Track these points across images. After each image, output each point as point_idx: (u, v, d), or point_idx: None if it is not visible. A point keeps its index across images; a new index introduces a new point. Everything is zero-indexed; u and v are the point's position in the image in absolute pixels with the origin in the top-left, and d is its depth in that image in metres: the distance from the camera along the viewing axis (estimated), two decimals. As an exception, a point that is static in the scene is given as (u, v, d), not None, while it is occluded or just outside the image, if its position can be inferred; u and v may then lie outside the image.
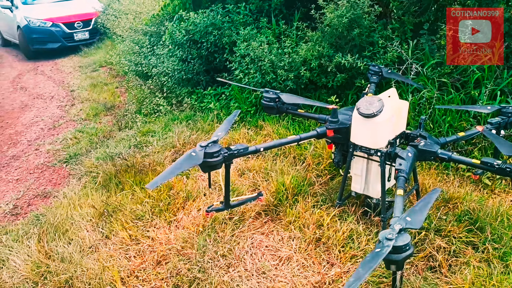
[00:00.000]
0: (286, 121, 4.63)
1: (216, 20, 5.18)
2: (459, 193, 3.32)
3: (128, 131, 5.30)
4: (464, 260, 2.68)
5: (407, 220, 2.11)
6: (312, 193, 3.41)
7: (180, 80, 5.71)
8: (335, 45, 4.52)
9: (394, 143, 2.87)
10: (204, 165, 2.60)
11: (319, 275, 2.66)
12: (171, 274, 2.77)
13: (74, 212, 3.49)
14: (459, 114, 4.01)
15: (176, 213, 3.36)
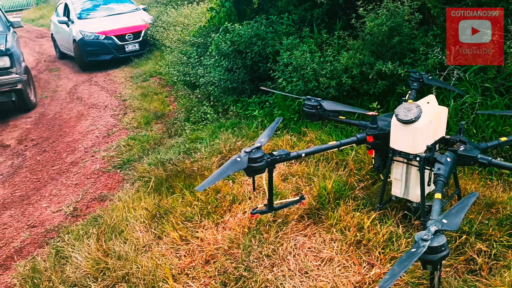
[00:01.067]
0: (328, 128, 4.74)
1: (260, 31, 5.37)
2: (503, 197, 3.33)
3: (177, 138, 5.57)
4: (504, 264, 2.72)
5: (443, 222, 2.19)
6: (353, 197, 3.52)
7: (226, 89, 5.93)
8: (376, 52, 4.60)
9: (432, 148, 2.94)
10: (248, 169, 2.77)
11: (359, 275, 2.77)
12: (218, 272, 2.95)
13: (129, 214, 3.75)
14: (503, 119, 4.00)
15: (223, 215, 3.55)
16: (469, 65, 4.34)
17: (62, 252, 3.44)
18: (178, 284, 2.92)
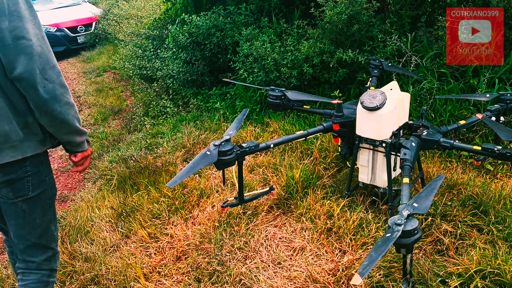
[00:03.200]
0: (291, 118, 4.76)
1: (218, 22, 5.30)
2: (463, 179, 3.45)
3: (137, 134, 5.44)
4: (470, 243, 2.81)
5: (414, 206, 2.24)
6: (321, 186, 3.55)
7: (185, 82, 5.84)
8: (335, 41, 4.65)
9: (398, 134, 2.99)
10: (218, 163, 2.73)
11: (332, 263, 2.79)
12: (191, 268, 2.91)
13: (93, 214, 3.63)
14: (459, 103, 4.14)
15: (191, 210, 3.50)
16: (425, 52, 4.47)
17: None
18: (150, 282, 2.85)
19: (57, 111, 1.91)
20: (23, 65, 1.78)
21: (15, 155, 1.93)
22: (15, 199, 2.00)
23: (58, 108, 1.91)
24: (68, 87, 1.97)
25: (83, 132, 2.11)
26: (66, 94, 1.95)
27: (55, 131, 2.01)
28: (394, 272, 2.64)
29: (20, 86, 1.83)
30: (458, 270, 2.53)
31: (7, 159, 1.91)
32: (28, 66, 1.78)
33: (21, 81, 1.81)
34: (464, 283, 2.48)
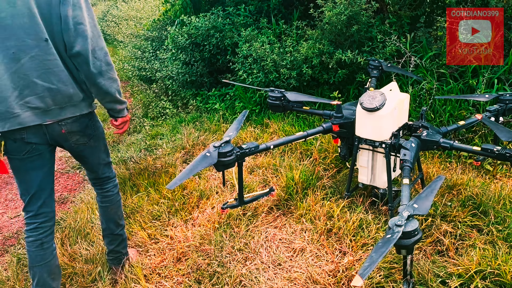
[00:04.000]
0: (291, 118, 4.76)
1: (217, 23, 5.31)
2: (462, 179, 3.45)
3: (136, 135, 5.44)
4: (470, 243, 2.81)
5: (414, 207, 2.24)
6: (321, 186, 3.55)
7: (185, 83, 5.84)
8: (334, 42, 4.65)
9: (397, 135, 3.00)
10: (218, 164, 2.73)
11: (332, 263, 2.79)
12: (191, 269, 2.90)
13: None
14: (458, 103, 4.14)
15: (191, 211, 3.50)
16: (424, 52, 4.47)
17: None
18: (150, 284, 2.85)
19: (101, 83, 2.41)
20: (80, 45, 2.27)
21: (75, 112, 2.46)
22: (89, 141, 2.60)
23: (102, 81, 2.40)
24: (113, 65, 2.48)
25: (123, 101, 2.63)
26: (111, 71, 2.44)
27: (100, 99, 2.53)
28: (395, 273, 2.64)
29: (76, 62, 2.33)
30: (458, 271, 2.53)
31: (68, 115, 2.43)
32: (83, 46, 2.28)
33: (77, 57, 2.31)
34: (464, 283, 2.48)
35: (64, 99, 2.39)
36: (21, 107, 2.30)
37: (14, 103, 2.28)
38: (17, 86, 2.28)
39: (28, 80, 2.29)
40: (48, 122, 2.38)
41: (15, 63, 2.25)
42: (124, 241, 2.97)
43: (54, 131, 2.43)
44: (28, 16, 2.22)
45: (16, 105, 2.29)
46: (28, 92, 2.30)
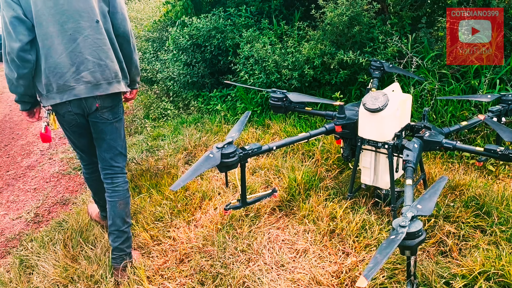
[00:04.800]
0: (292, 119, 4.76)
1: (219, 24, 5.31)
2: (465, 180, 3.45)
3: (138, 136, 5.44)
4: (473, 244, 2.81)
5: (418, 208, 2.23)
6: (324, 187, 3.55)
7: (186, 84, 5.84)
8: (336, 42, 4.65)
9: (400, 136, 3.00)
10: (221, 165, 2.73)
11: (335, 264, 2.79)
12: (194, 271, 2.90)
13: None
14: (460, 104, 4.14)
15: (194, 213, 3.50)
16: (425, 53, 4.47)
17: (26, 261, 3.29)
18: (153, 285, 2.85)
19: (134, 59, 2.98)
20: (124, 26, 2.82)
21: (119, 88, 2.84)
22: (113, 120, 2.90)
23: (135, 57, 2.98)
24: None
25: (140, 74, 3.19)
26: (136, 49, 3.07)
27: (132, 72, 3.01)
28: (398, 274, 2.64)
29: (120, 40, 2.84)
30: (462, 272, 2.52)
31: (115, 90, 2.81)
32: (126, 27, 2.83)
33: (122, 37, 2.83)
34: (468, 284, 2.48)
35: (111, 74, 2.78)
36: (76, 81, 2.68)
37: (71, 78, 2.66)
38: (73, 63, 2.66)
39: (82, 57, 2.67)
40: (96, 94, 2.75)
41: (72, 43, 2.64)
42: (129, 240, 3.04)
43: (90, 104, 2.78)
44: (83, 1, 2.63)
45: (73, 79, 2.67)
46: (82, 68, 2.68)
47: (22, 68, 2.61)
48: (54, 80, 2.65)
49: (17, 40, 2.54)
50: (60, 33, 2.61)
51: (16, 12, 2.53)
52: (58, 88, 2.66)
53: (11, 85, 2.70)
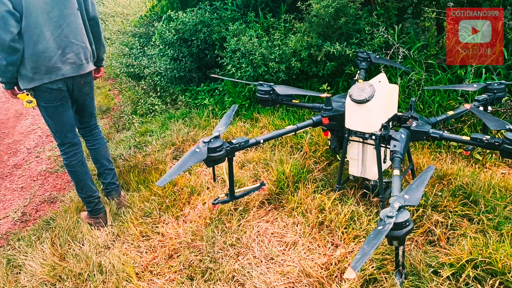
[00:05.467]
0: (280, 112, 4.75)
1: (205, 18, 5.27)
2: (452, 169, 3.46)
3: (126, 132, 5.39)
4: (461, 232, 2.82)
5: (405, 198, 2.24)
6: (312, 180, 3.54)
7: (173, 79, 5.80)
8: (323, 34, 4.63)
9: (387, 126, 2.99)
10: (208, 160, 2.72)
11: (325, 256, 2.79)
12: (183, 266, 2.89)
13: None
14: (447, 93, 4.15)
15: (182, 208, 3.48)
16: (412, 43, 4.47)
17: (14, 261, 3.26)
18: (142, 282, 2.84)
19: (102, 39, 3.52)
20: (94, 10, 3.35)
21: (93, 66, 3.43)
22: (91, 92, 3.49)
23: (102, 38, 3.50)
24: None
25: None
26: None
27: (101, 51, 3.52)
28: (387, 264, 2.65)
29: (92, 23, 3.34)
30: (450, 260, 2.54)
31: (92, 68, 3.42)
32: (95, 12, 3.38)
33: (94, 19, 3.35)
34: (456, 272, 2.49)
35: (90, 54, 3.32)
36: (63, 63, 3.12)
37: (58, 60, 3.09)
38: (59, 46, 3.09)
39: (67, 41, 3.12)
40: (81, 73, 3.26)
41: (58, 29, 3.06)
42: (116, 174, 3.78)
43: (76, 82, 3.27)
44: None
45: (60, 61, 3.10)
46: (68, 50, 3.13)
47: (12, 55, 2.92)
48: (43, 63, 3.03)
49: (8, 32, 2.84)
50: (47, 21, 3.00)
51: (7, 6, 2.82)
52: (47, 69, 3.06)
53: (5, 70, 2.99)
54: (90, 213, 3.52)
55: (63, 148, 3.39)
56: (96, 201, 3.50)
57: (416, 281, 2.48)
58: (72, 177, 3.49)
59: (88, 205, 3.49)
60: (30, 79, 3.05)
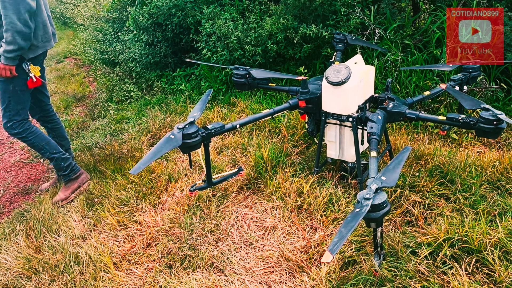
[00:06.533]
0: (258, 96, 4.70)
1: (179, 1, 5.15)
2: (429, 149, 3.48)
3: (101, 120, 5.30)
4: (438, 212, 2.84)
5: (382, 179, 2.23)
6: (290, 163, 3.53)
7: (148, 64, 5.69)
8: (298, 16, 4.58)
9: (364, 108, 2.98)
10: (183, 146, 2.66)
11: (304, 240, 2.78)
12: (162, 254, 2.85)
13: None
14: (423, 74, 4.15)
15: (160, 195, 3.43)
16: (388, 24, 4.45)
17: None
18: (120, 271, 2.79)
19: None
20: None
21: None
22: None
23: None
24: None
25: None
26: None
27: None
28: (366, 246, 2.65)
29: None
30: (427, 240, 2.55)
31: None
32: None
33: None
34: (434, 252, 2.50)
35: None
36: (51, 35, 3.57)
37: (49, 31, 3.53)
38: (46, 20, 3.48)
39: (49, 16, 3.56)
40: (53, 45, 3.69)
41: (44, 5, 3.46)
42: None
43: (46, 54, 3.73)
44: None
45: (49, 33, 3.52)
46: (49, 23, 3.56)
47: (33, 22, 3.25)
48: (45, 32, 3.43)
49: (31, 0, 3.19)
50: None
51: None
52: (47, 39, 3.47)
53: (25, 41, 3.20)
54: (71, 174, 3.71)
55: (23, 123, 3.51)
56: (70, 157, 3.75)
57: (395, 261, 2.49)
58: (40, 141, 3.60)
59: (65, 164, 3.68)
60: (36, 47, 3.40)
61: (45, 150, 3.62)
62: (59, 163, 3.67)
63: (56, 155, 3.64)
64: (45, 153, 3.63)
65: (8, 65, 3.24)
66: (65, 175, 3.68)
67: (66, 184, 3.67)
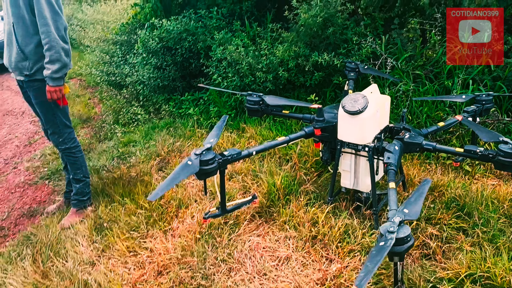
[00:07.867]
0: (267, 122, 4.69)
1: (189, 26, 5.19)
2: (443, 180, 3.45)
3: (108, 143, 5.26)
4: (456, 246, 2.79)
5: (404, 212, 2.19)
6: (303, 192, 3.48)
7: (156, 88, 5.69)
8: (310, 44, 4.60)
9: (381, 138, 2.96)
10: (200, 172, 2.63)
11: (320, 272, 2.72)
12: (174, 283, 2.78)
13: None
14: (435, 104, 4.15)
15: (170, 222, 3.37)
16: (399, 54, 4.47)
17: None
18: (130, 300, 2.72)
19: None
20: None
21: None
22: None
23: None
24: None
25: None
26: None
27: None
28: (383, 279, 2.59)
29: None
30: (448, 275, 2.50)
31: None
32: None
33: None
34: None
35: None
36: None
37: None
38: None
39: None
40: None
41: None
42: None
43: None
44: None
45: None
46: None
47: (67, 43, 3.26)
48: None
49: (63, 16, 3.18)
50: None
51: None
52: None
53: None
54: (87, 202, 3.69)
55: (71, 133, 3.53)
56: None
57: (415, 296, 2.43)
58: (82, 161, 3.63)
59: (88, 190, 3.69)
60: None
61: (81, 171, 3.62)
62: (84, 189, 3.66)
63: (87, 179, 3.68)
64: (80, 174, 3.61)
65: (58, 86, 3.23)
66: (82, 201, 3.65)
67: (78, 211, 3.61)
